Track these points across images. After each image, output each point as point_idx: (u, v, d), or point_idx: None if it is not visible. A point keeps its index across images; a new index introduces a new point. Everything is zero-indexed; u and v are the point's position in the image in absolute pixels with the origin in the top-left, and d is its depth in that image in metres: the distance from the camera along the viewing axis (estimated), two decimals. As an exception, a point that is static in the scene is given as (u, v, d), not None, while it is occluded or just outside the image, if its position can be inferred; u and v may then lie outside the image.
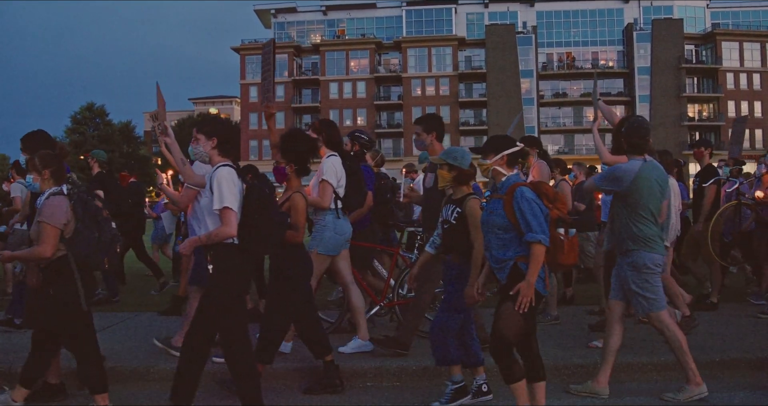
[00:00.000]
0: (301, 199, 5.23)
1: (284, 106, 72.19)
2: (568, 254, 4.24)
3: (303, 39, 74.80)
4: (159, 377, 5.49)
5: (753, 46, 69.24)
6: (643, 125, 5.24)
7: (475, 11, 73.40)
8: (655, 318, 5.06)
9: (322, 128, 6.18)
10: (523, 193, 4.18)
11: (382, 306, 6.79)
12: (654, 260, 5.02)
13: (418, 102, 70.12)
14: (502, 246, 4.28)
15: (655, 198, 5.05)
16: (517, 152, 4.46)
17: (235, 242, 4.29)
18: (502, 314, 4.21)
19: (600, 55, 72.45)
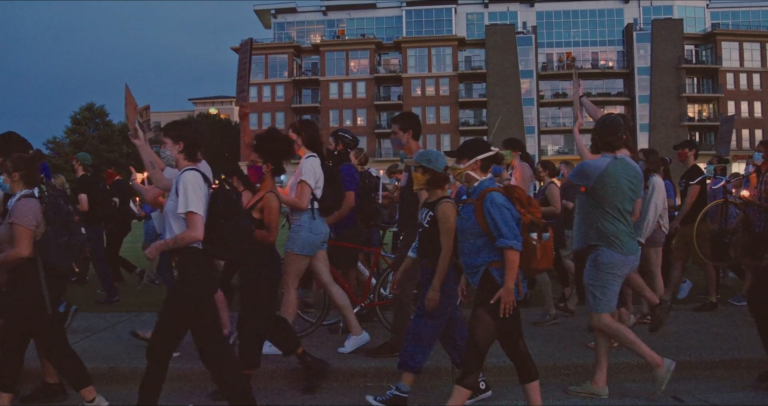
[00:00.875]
0: (274, 199, 5.21)
1: (284, 106, 72.23)
2: (542, 259, 4.20)
3: (303, 39, 74.83)
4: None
5: (753, 46, 69.24)
6: (615, 123, 5.26)
7: (474, 11, 73.42)
8: (595, 318, 5.07)
9: (301, 129, 6.18)
10: (493, 199, 4.15)
11: (363, 306, 6.79)
12: (615, 259, 4.99)
13: (418, 102, 70.14)
14: (474, 252, 4.26)
15: (622, 195, 5.04)
16: (491, 157, 4.43)
17: (200, 246, 4.28)
18: (475, 321, 4.21)
19: (600, 55, 72.45)
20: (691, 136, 66.12)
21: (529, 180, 7.50)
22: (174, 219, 4.31)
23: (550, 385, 5.44)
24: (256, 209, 5.19)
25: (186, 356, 5.72)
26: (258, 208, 5.19)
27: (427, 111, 69.98)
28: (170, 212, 4.33)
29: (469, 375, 4.21)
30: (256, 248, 5.10)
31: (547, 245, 4.23)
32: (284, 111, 72.18)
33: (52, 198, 4.68)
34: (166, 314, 4.31)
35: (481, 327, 4.18)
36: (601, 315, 5.04)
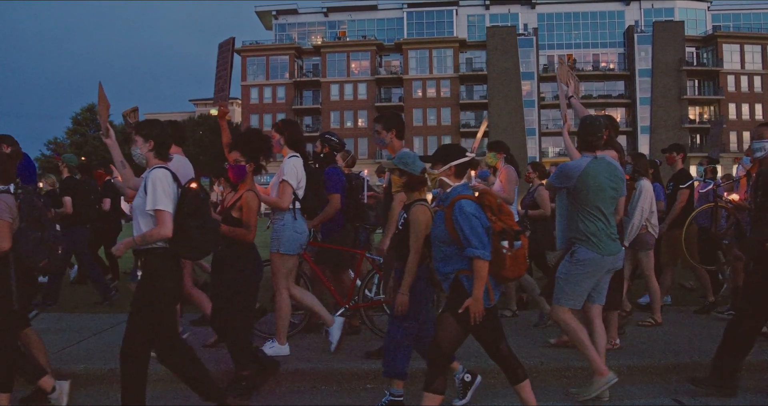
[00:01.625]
0: (254, 198, 5.19)
1: (285, 107, 72.28)
2: (512, 268, 4.14)
3: (304, 40, 74.90)
4: (157, 378, 5.46)
5: (754, 48, 69.29)
6: (595, 123, 5.26)
7: (476, 13, 73.49)
8: (555, 310, 5.08)
9: (284, 128, 6.17)
10: (462, 207, 4.10)
11: (347, 308, 6.80)
12: (590, 258, 4.98)
13: (418, 104, 70.21)
14: (444, 259, 4.24)
15: (603, 195, 5.03)
16: (466, 163, 4.38)
17: (166, 245, 4.28)
18: (441, 326, 4.18)
19: (601, 57, 72.49)
20: (692, 139, 66.18)
21: (515, 183, 7.46)
22: (142, 216, 4.32)
23: (550, 387, 5.44)
24: (236, 207, 5.18)
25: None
26: (237, 207, 5.17)
27: (428, 112, 70.02)
28: (138, 208, 4.34)
29: (435, 380, 4.18)
30: (238, 249, 5.12)
31: (519, 254, 4.16)
32: (285, 112, 72.19)
33: (26, 194, 4.71)
34: (135, 315, 4.31)
35: (445, 332, 4.15)
36: (563, 308, 5.03)
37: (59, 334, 6.88)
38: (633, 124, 69.79)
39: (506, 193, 7.36)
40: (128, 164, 5.06)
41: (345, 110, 71.79)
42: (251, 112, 72.85)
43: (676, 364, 5.69)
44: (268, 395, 5.32)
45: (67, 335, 6.82)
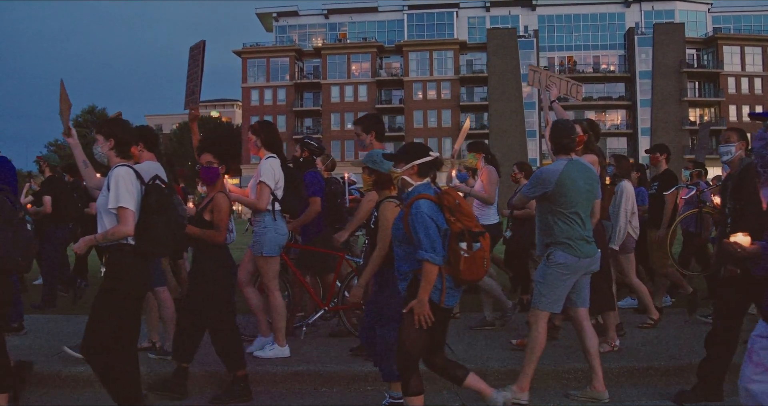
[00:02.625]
0: (224, 200, 5.18)
1: (286, 109, 72.35)
2: (469, 270, 4.05)
3: (304, 42, 74.96)
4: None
5: (754, 50, 69.33)
6: (567, 125, 5.27)
7: (476, 15, 73.55)
8: (533, 313, 5.03)
9: (260, 130, 6.18)
10: (419, 208, 4.04)
11: (327, 310, 6.80)
12: (564, 259, 4.95)
13: (419, 106, 70.27)
14: (403, 258, 4.20)
15: (579, 197, 5.01)
16: (430, 162, 4.29)
17: (130, 241, 4.28)
18: (404, 329, 4.14)
19: (601, 59, 72.54)
20: (692, 140, 66.16)
21: (496, 183, 7.41)
22: (105, 214, 4.32)
23: (550, 389, 5.44)
24: (207, 210, 5.18)
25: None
26: (208, 209, 5.17)
27: (429, 115, 70.06)
28: (101, 206, 4.34)
29: (410, 383, 4.14)
30: (211, 251, 5.12)
31: (477, 256, 4.06)
32: (286, 114, 72.30)
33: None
34: (97, 312, 4.30)
35: (411, 335, 4.11)
36: (540, 312, 4.99)
37: (58, 335, 6.87)
38: (633, 126, 69.85)
39: (487, 194, 7.35)
40: (90, 164, 5.05)
41: (345, 112, 71.81)
42: (252, 114, 72.85)
43: (678, 366, 5.68)
44: (269, 397, 5.31)
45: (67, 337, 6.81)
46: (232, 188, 6.07)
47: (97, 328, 4.28)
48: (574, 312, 5.19)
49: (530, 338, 5.00)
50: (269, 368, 5.66)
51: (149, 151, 5.92)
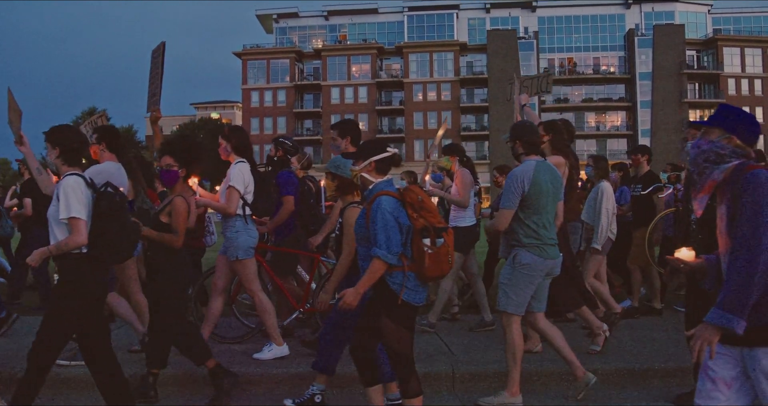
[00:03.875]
0: (182, 203, 5.15)
1: (286, 111, 72.38)
2: (433, 266, 4.03)
3: (305, 44, 75.02)
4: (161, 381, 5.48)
5: (754, 51, 69.35)
6: (530, 125, 5.33)
7: (476, 16, 73.60)
8: (505, 318, 5.01)
9: (231, 135, 6.22)
10: (380, 204, 4.03)
11: (302, 312, 6.81)
12: (533, 260, 4.94)
13: (419, 107, 70.29)
14: (367, 258, 4.13)
15: (547, 199, 5.00)
16: (387, 158, 4.30)
17: (83, 249, 4.24)
18: (384, 332, 4.12)
19: (601, 60, 72.59)
20: (692, 142, 66.01)
21: (470, 186, 7.37)
22: (56, 225, 4.27)
23: (550, 391, 5.45)
24: (165, 212, 5.17)
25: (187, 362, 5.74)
26: (166, 211, 5.16)
27: (429, 116, 70.06)
28: (52, 217, 4.29)
29: (409, 385, 4.15)
30: (166, 254, 5.11)
31: (441, 252, 4.05)
32: (286, 116, 72.35)
33: None
34: (49, 319, 4.27)
35: (393, 335, 4.10)
36: (510, 316, 4.98)
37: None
38: (633, 127, 69.89)
39: (461, 197, 7.31)
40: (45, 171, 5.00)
41: (346, 114, 71.66)
42: (252, 115, 72.96)
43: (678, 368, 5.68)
44: (270, 398, 5.32)
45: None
46: (202, 193, 6.12)
47: (48, 334, 4.25)
48: (533, 317, 5.17)
49: (507, 342, 4.99)
50: (270, 370, 5.67)
51: (111, 151, 5.92)
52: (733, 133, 2.98)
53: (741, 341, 2.79)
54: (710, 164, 2.96)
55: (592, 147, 68.50)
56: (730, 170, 2.93)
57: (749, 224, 2.75)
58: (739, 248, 2.75)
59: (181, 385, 5.56)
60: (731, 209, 2.89)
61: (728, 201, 2.92)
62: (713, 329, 2.74)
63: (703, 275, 3.19)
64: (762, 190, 2.77)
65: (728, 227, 2.92)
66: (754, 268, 2.69)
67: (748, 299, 2.70)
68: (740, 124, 3.02)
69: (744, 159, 2.96)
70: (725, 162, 2.95)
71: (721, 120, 3.04)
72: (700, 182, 3.02)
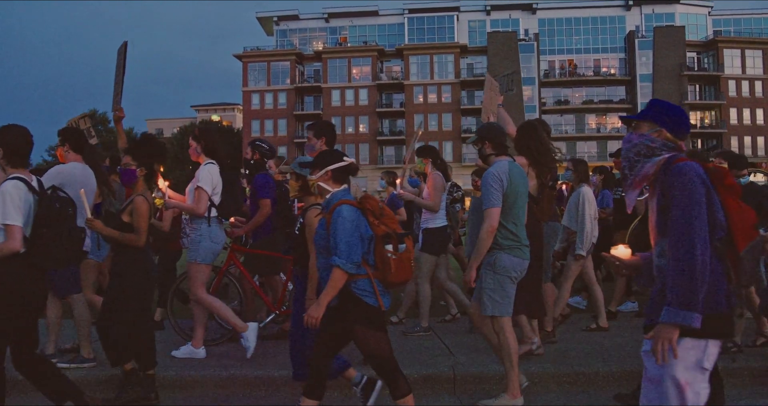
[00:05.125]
0: (143, 203, 5.11)
1: (286, 113, 72.39)
2: (397, 272, 4.06)
3: (305, 46, 75.06)
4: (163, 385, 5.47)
5: (755, 53, 69.34)
6: (498, 126, 5.37)
7: (476, 18, 73.63)
8: (496, 322, 4.98)
9: (201, 136, 6.26)
10: (341, 213, 4.01)
11: (278, 314, 6.80)
12: (512, 263, 4.94)
13: (420, 109, 70.30)
14: (329, 268, 4.07)
15: (521, 199, 5.01)
16: (344, 167, 4.29)
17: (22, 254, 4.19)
18: (359, 340, 4.11)
19: (602, 62, 72.59)
20: (693, 143, 66.16)
21: (441, 189, 7.32)
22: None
23: (551, 393, 5.44)
24: (126, 211, 5.14)
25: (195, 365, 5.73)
26: (128, 211, 5.13)
27: (429, 118, 70.05)
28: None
29: (397, 386, 4.14)
30: (128, 253, 5.08)
31: (404, 257, 4.09)
32: (286, 118, 72.38)
33: None
34: None
35: (370, 344, 4.09)
36: (501, 319, 4.96)
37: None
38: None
39: (432, 201, 7.25)
40: None
41: (346, 116, 71.83)
42: (252, 117, 72.97)
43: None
44: (269, 400, 5.31)
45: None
46: (170, 194, 6.14)
47: None
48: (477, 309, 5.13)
49: (503, 345, 4.97)
50: (271, 372, 5.67)
51: (76, 152, 5.92)
52: (663, 126, 2.99)
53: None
54: (641, 158, 2.97)
55: (593, 149, 68.51)
56: (661, 164, 2.94)
57: (682, 217, 2.74)
58: (675, 241, 2.74)
59: (181, 387, 5.54)
60: (661, 203, 2.89)
61: (658, 195, 2.92)
62: (670, 328, 2.72)
63: (638, 272, 3.20)
64: (690, 181, 2.77)
65: (658, 221, 2.92)
66: (693, 259, 2.68)
67: (698, 292, 2.68)
68: (670, 117, 3.03)
69: (674, 152, 2.97)
70: (656, 155, 2.95)
71: (650, 113, 3.05)
72: (632, 177, 3.02)
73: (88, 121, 7.62)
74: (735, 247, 2.86)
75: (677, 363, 2.79)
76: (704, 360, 2.80)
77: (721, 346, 2.88)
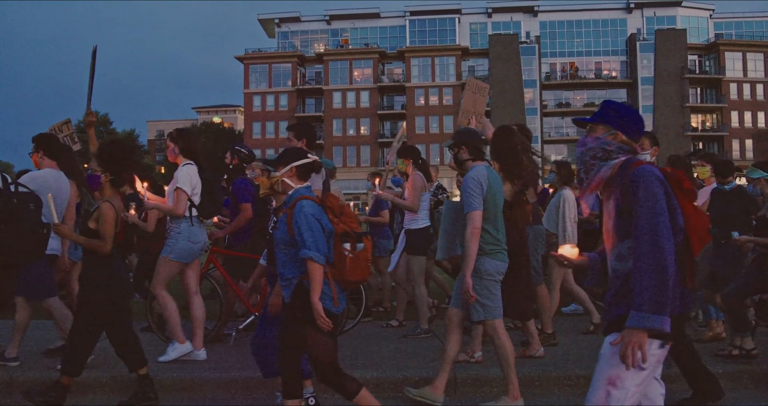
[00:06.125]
0: (109, 209, 5.03)
1: (288, 115, 72.38)
2: (354, 271, 4.11)
3: (307, 48, 75.10)
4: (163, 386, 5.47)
5: (756, 56, 69.34)
6: (473, 130, 5.39)
7: (478, 21, 73.65)
8: (490, 326, 4.99)
9: (178, 137, 6.28)
10: (302, 208, 4.06)
11: (257, 315, 6.81)
12: (495, 267, 4.97)
13: (421, 112, 70.31)
14: (287, 262, 4.17)
15: (499, 204, 5.03)
16: (308, 165, 4.36)
17: None
18: (309, 342, 4.11)
19: (603, 65, 72.60)
20: (694, 146, 66.16)
21: (420, 189, 7.31)
22: None
23: (553, 395, 5.43)
24: (92, 218, 5.07)
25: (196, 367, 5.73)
26: (94, 217, 5.05)
27: (431, 120, 70.07)
28: None
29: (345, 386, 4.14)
30: (95, 260, 5.01)
31: (361, 256, 4.13)
32: (288, 120, 72.29)
33: None
34: None
35: (318, 347, 4.09)
36: (494, 322, 4.97)
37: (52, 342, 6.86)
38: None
39: (410, 202, 7.23)
40: None
41: (347, 118, 71.87)
42: (254, 119, 73.01)
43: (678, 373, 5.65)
44: (269, 402, 5.30)
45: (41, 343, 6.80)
46: (150, 196, 6.15)
47: None
48: (451, 312, 5.12)
49: (498, 348, 4.97)
50: (270, 374, 5.64)
51: (50, 158, 5.95)
52: (618, 129, 2.98)
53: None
54: (597, 161, 2.95)
55: (594, 151, 68.45)
56: (617, 166, 2.92)
57: (648, 222, 2.71)
58: (643, 246, 2.70)
59: (182, 389, 5.54)
60: (619, 206, 2.87)
61: (616, 198, 2.90)
62: (640, 332, 2.68)
63: (585, 272, 3.19)
64: (652, 184, 2.76)
65: (616, 224, 2.90)
66: (663, 264, 2.66)
67: (667, 295, 2.66)
68: (625, 119, 3.01)
69: (630, 155, 2.95)
70: (612, 158, 2.93)
71: (605, 116, 3.02)
72: (588, 180, 3.00)
73: (70, 126, 7.63)
74: (691, 251, 2.85)
75: (612, 357, 2.78)
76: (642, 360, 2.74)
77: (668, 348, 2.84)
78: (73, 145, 7.30)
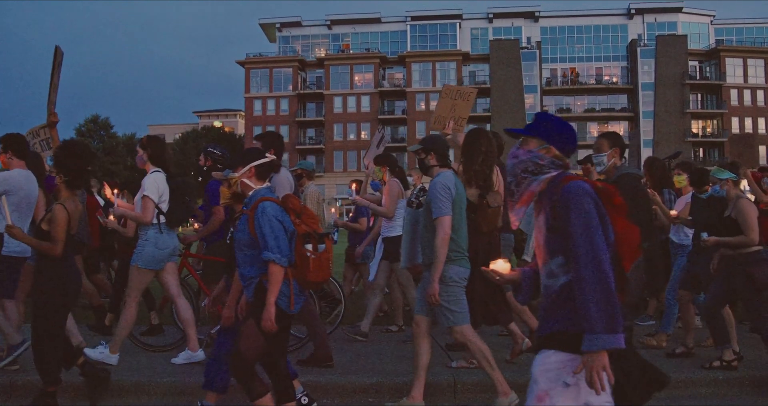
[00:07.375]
0: (61, 211, 4.96)
1: (288, 119, 72.50)
2: (316, 271, 4.13)
3: (308, 53, 75.24)
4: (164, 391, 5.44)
5: (757, 62, 69.46)
6: (441, 137, 5.38)
7: (479, 26, 73.82)
8: (458, 332, 4.98)
9: (147, 144, 6.27)
10: (264, 209, 4.07)
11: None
12: (459, 273, 4.97)
13: (422, 116, 70.36)
14: (247, 263, 4.19)
15: (462, 210, 5.03)
16: (266, 164, 4.36)
17: None
18: (243, 333, 4.11)
19: (604, 70, 72.73)
20: (694, 152, 66.19)
21: (396, 196, 7.29)
22: None
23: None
24: (45, 220, 5.03)
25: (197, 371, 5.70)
26: (47, 219, 5.01)
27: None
28: None
29: (252, 387, 4.11)
30: (46, 262, 4.96)
31: (323, 257, 4.16)
32: (288, 124, 72.48)
33: None
34: None
35: (248, 341, 4.08)
36: (463, 327, 4.96)
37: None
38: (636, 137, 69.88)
39: (386, 208, 7.22)
40: None
41: (348, 123, 71.96)
42: (255, 124, 73.06)
43: (679, 379, 5.63)
44: None
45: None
46: (119, 203, 6.17)
47: None
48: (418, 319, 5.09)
49: (474, 351, 4.97)
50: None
51: (19, 158, 5.92)
52: (552, 143, 2.92)
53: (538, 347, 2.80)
54: (528, 175, 2.90)
55: (595, 157, 68.44)
56: (548, 181, 2.87)
57: (584, 238, 2.64)
58: (582, 264, 2.62)
59: (182, 393, 5.51)
60: (549, 222, 2.82)
61: (546, 213, 2.85)
62: (600, 355, 2.56)
63: (517, 287, 3.14)
64: (585, 202, 2.69)
65: (546, 240, 2.84)
66: (606, 281, 2.59)
67: (617, 312, 2.58)
68: (558, 134, 2.95)
69: (561, 170, 2.90)
70: (543, 173, 2.88)
71: (539, 130, 2.96)
72: (518, 193, 2.94)
73: (48, 131, 7.61)
74: (621, 266, 2.78)
75: (541, 372, 2.74)
76: (567, 376, 2.67)
77: None
78: (48, 150, 7.27)
